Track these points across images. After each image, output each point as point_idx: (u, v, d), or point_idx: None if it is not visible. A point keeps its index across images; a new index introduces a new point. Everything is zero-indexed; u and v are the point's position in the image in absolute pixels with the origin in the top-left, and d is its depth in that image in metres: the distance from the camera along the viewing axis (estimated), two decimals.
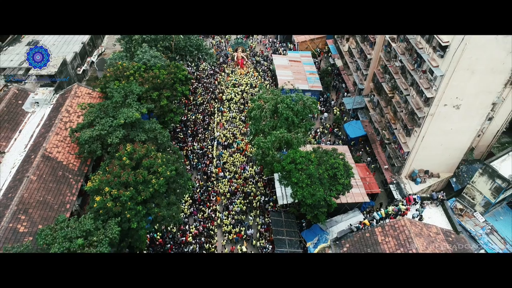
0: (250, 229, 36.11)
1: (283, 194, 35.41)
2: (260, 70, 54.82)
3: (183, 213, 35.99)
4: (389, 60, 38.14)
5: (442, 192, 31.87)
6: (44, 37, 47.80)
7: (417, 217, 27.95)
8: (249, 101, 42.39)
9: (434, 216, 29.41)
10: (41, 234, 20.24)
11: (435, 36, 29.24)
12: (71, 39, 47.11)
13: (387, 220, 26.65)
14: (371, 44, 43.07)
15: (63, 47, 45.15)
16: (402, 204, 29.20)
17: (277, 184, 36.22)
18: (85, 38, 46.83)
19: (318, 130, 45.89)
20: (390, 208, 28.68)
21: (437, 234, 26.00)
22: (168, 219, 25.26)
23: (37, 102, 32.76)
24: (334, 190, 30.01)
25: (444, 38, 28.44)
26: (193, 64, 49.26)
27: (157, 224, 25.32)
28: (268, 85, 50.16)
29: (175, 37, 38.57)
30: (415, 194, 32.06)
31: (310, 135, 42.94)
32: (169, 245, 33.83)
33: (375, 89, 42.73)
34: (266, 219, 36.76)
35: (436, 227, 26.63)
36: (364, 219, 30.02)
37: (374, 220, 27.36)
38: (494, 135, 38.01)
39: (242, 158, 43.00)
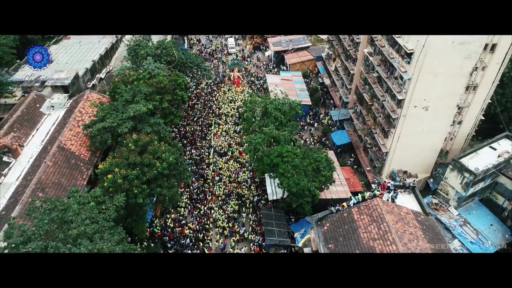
0: (243, 227, 38.91)
1: (273, 191, 38.67)
2: (255, 89, 59.44)
3: (182, 209, 39.15)
4: (368, 72, 42.64)
5: (414, 180, 35.18)
6: (57, 55, 52.80)
7: (390, 200, 31.17)
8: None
9: (406, 201, 32.62)
10: (57, 201, 23.42)
11: (401, 45, 33.79)
12: (83, 58, 52.03)
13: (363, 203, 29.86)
14: (353, 61, 47.79)
15: (75, 64, 49.85)
16: (377, 190, 32.46)
17: (267, 182, 39.61)
18: (96, 57, 51.74)
19: (307, 139, 49.68)
20: (367, 194, 31.93)
21: (407, 213, 29.17)
22: (167, 199, 28.45)
23: (53, 106, 36.77)
24: (317, 181, 33.36)
25: (409, 46, 32.97)
26: (193, 79, 53.72)
27: (159, 204, 28.42)
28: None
29: (176, 52, 43.25)
30: (389, 182, 35.35)
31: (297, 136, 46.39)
32: (167, 237, 36.57)
33: (357, 100, 47.00)
34: (258, 216, 39.71)
35: (406, 208, 29.86)
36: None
37: (352, 204, 30.56)
38: (465, 138, 41.84)
39: (237, 165, 46.45)
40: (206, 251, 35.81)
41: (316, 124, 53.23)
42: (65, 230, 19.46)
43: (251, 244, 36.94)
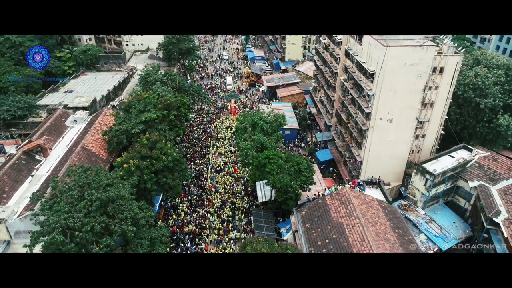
0: (236, 231, 43.80)
1: (263, 194, 44.23)
2: None
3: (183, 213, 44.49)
4: (344, 96, 49.88)
5: (379, 176, 40.90)
6: (76, 87, 60.68)
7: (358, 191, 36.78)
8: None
9: (373, 194, 38.11)
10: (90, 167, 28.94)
11: (366, 68, 41.22)
12: (99, 89, 59.91)
13: None
14: (333, 89, 55.30)
15: (92, 93, 57.44)
16: (348, 184, 38.11)
17: (257, 187, 45.26)
18: (110, 87, 59.56)
19: None
20: (340, 187, 37.52)
21: (372, 200, 34.73)
22: (170, 189, 34.21)
23: (76, 120, 43.51)
24: (299, 180, 39.14)
25: (371, 68, 40.37)
26: (195, 104, 61.15)
27: (164, 192, 34.12)
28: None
29: (180, 80, 50.90)
30: (359, 180, 41.04)
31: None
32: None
33: (338, 121, 53.88)
34: (249, 219, 44.86)
35: (372, 197, 35.44)
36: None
37: (326, 193, 36.17)
38: (430, 151, 48.01)
39: (231, 179, 52.28)
40: (203, 245, 40.65)
41: (303, 145, 59.70)
42: (97, 182, 25.15)
43: (243, 240, 41.82)
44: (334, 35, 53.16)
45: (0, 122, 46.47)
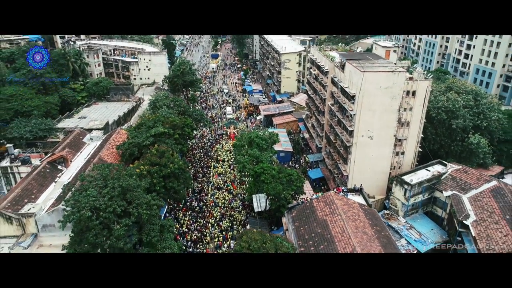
0: (234, 240, 47.90)
1: (258, 205, 48.73)
2: None
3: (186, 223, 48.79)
4: (332, 119, 55.68)
5: (360, 184, 45.62)
6: (89, 114, 66.68)
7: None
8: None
9: (356, 200, 42.70)
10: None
11: (348, 91, 47.24)
12: (110, 115, 65.89)
13: None
14: (323, 114, 61.25)
15: (104, 118, 63.31)
16: (333, 191, 42.81)
17: (254, 199, 49.82)
18: (120, 113, 65.56)
19: None
20: (325, 193, 42.22)
21: (354, 203, 39.38)
22: (175, 193, 39.02)
23: (92, 138, 48.93)
24: (290, 189, 43.90)
25: (352, 91, 46.39)
26: (198, 128, 66.90)
27: (170, 196, 38.87)
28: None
29: (185, 105, 56.93)
30: (341, 182, 45.76)
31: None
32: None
33: (327, 143, 59.35)
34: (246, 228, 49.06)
35: (354, 200, 40.10)
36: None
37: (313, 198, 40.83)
38: (410, 167, 53.00)
39: (230, 196, 56.91)
40: (204, 250, 44.69)
41: (297, 166, 64.72)
42: (118, 173, 29.99)
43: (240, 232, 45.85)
44: (322, 65, 59.88)
45: (23, 141, 51.83)
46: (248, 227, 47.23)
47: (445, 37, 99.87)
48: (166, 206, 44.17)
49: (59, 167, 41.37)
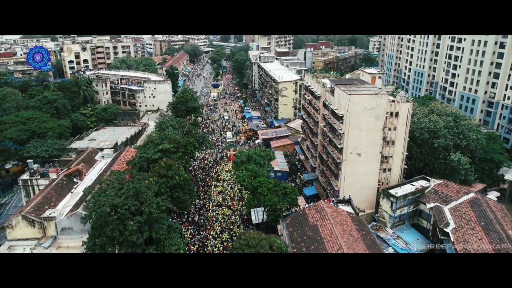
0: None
1: (256, 217, 52.45)
2: None
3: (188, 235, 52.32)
4: (324, 139, 60.37)
5: (349, 195, 49.52)
6: (98, 136, 71.43)
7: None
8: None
9: (345, 209, 46.54)
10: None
11: (337, 113, 52.16)
12: (118, 137, 70.64)
13: None
14: (316, 135, 66.01)
15: (113, 139, 67.99)
16: (324, 201, 46.75)
17: (252, 212, 53.57)
18: (128, 135, 70.39)
19: None
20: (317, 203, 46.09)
21: (342, 211, 43.28)
22: (181, 203, 43.04)
23: (103, 156, 53.35)
24: (285, 201, 47.84)
25: (340, 112, 51.29)
26: (200, 149, 71.45)
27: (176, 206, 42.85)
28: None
29: (189, 127, 61.80)
30: (334, 197, 49.62)
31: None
32: None
33: (320, 162, 63.72)
34: None
35: (342, 209, 43.99)
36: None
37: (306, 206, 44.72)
38: (397, 182, 57.06)
39: (230, 212, 60.67)
40: None
41: (293, 184, 68.68)
42: (132, 177, 34.15)
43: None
44: (315, 91, 65.27)
45: (39, 160, 56.20)
46: None
47: (432, 66, 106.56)
48: (170, 219, 47.94)
49: (75, 179, 45.59)
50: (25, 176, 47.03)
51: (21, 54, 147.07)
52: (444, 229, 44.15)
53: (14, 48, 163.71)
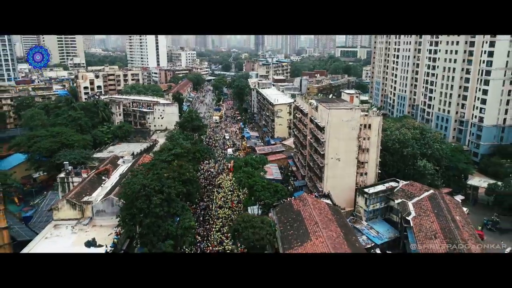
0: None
1: (252, 213, 61.93)
2: None
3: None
4: (311, 149, 70.73)
5: (328, 191, 59.28)
6: (115, 149, 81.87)
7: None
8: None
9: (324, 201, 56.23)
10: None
11: (320, 125, 62.79)
12: (132, 150, 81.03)
13: None
14: (305, 147, 76.41)
15: (130, 151, 78.38)
16: (307, 194, 56.53)
17: (249, 209, 63.19)
18: (142, 148, 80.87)
19: None
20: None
21: (322, 202, 53.06)
22: (190, 195, 53.00)
23: (124, 161, 63.60)
24: (276, 197, 57.63)
25: (321, 124, 61.95)
26: (205, 159, 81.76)
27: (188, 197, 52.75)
28: None
29: (196, 138, 72.40)
30: (315, 193, 59.34)
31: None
32: None
33: (308, 170, 73.80)
34: None
35: (322, 201, 53.79)
36: None
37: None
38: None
39: (230, 212, 70.23)
40: (209, 245, 57.29)
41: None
42: (156, 166, 44.40)
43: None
44: (303, 109, 76.33)
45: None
46: None
47: (412, 90, 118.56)
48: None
49: (103, 177, 55.63)
50: (62, 175, 57.06)
51: (38, 82, 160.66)
52: (407, 218, 53.75)
53: (31, 76, 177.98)
